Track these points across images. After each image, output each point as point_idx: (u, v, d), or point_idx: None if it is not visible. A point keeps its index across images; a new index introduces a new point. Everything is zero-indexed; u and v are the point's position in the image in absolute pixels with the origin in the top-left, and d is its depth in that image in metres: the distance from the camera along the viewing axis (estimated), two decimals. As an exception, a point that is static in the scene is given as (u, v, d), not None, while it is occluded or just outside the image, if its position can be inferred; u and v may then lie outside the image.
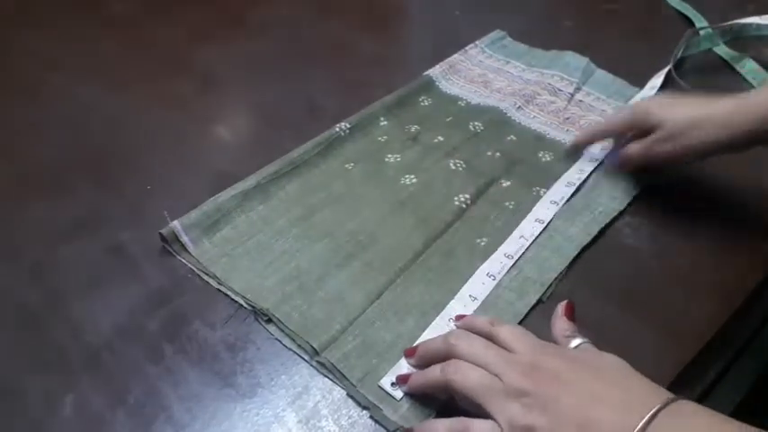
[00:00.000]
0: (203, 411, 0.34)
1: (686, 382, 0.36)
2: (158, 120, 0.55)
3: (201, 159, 0.51)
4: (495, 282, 0.41)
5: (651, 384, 0.29)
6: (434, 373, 0.33)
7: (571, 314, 0.36)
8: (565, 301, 0.36)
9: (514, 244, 0.44)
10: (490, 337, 0.33)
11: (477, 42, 0.67)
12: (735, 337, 0.40)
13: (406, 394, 0.34)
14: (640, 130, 0.46)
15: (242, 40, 0.67)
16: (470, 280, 0.41)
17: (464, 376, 0.31)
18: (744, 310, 0.41)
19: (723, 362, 0.39)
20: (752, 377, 0.41)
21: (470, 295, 0.40)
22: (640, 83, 0.60)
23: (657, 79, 0.60)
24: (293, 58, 0.64)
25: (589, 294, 0.41)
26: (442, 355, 0.33)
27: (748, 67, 0.63)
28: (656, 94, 0.58)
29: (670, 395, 0.28)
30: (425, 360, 0.35)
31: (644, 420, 0.26)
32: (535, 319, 0.39)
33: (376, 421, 0.34)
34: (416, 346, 0.36)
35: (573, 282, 0.42)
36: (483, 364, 0.31)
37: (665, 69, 0.61)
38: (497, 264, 0.42)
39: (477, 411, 0.31)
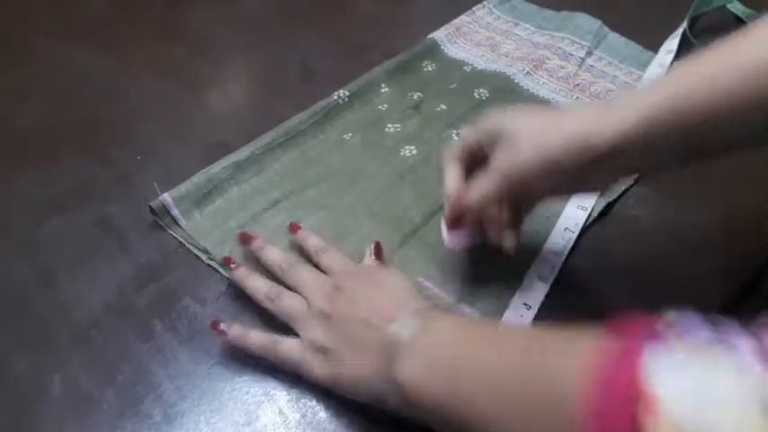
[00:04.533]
0: (193, 390, 0.34)
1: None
2: (148, 87, 0.53)
3: (192, 128, 0.49)
4: (548, 285, 0.38)
5: (425, 301, 0.33)
6: (260, 289, 0.36)
7: (378, 254, 0.38)
8: (374, 243, 0.38)
9: (559, 238, 0.41)
10: (317, 263, 0.37)
11: (485, 2, 0.63)
12: (741, 313, 0.39)
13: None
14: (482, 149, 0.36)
15: (234, 0, 0.64)
16: (521, 287, 0.38)
17: (282, 305, 0.35)
18: (752, 285, 0.39)
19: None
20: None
21: (525, 303, 0.37)
22: (655, 46, 0.57)
23: (672, 42, 0.57)
24: (287, 20, 0.61)
25: (592, 268, 0.39)
26: (271, 270, 0.37)
27: None
28: (672, 59, 0.55)
29: (429, 304, 0.32)
30: (257, 258, 0.38)
31: (403, 326, 0.29)
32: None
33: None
34: (254, 239, 0.39)
35: (577, 256, 0.40)
36: (301, 291, 0.35)
37: (679, 30, 0.57)
38: (548, 265, 0.39)
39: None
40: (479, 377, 0.26)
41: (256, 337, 0.34)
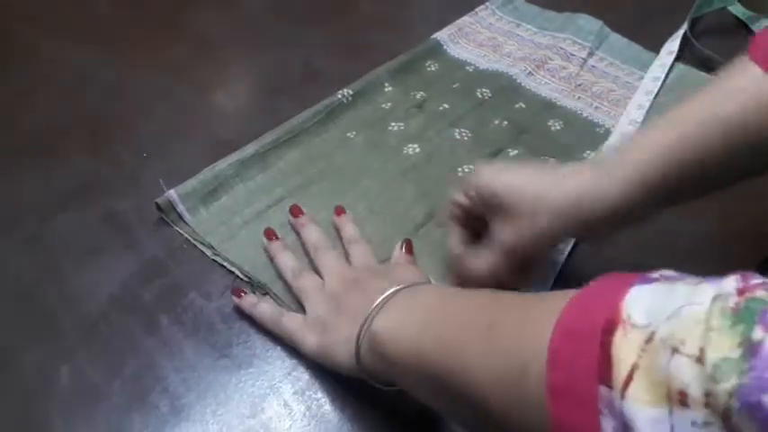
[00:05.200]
0: (199, 382, 0.34)
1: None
2: (153, 86, 0.53)
3: (197, 127, 0.50)
4: (548, 287, 0.38)
5: (413, 269, 0.35)
6: (287, 264, 0.38)
7: (409, 250, 0.39)
8: (404, 240, 0.39)
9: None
10: (346, 251, 0.39)
11: (487, 4, 0.64)
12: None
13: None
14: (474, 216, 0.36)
15: (238, 1, 0.64)
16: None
17: (301, 280, 0.36)
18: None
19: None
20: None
21: None
22: (656, 47, 0.57)
23: (674, 43, 0.57)
24: (290, 19, 0.62)
25: (590, 273, 0.39)
26: (306, 248, 0.39)
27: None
28: (673, 60, 0.55)
29: (419, 281, 0.32)
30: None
31: (380, 299, 0.30)
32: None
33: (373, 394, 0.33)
34: (303, 217, 0.41)
35: (574, 261, 0.40)
36: (322, 272, 0.37)
37: (680, 32, 0.58)
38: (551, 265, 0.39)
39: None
40: (451, 331, 0.26)
41: (265, 307, 0.36)
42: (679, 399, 0.17)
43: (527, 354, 0.22)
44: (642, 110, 0.50)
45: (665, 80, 0.54)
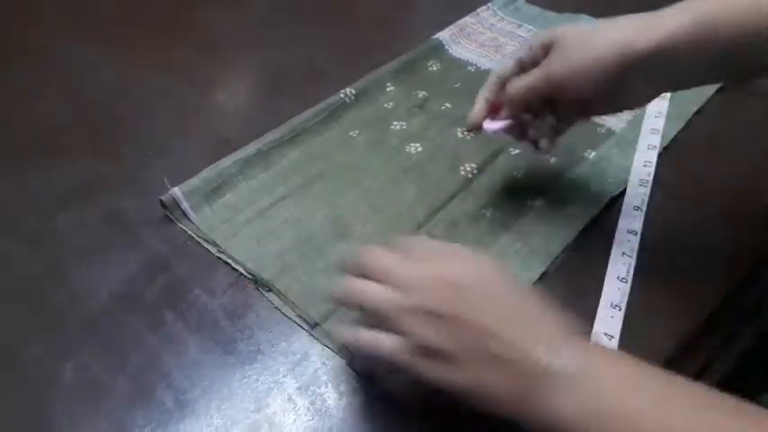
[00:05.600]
0: (203, 378, 0.34)
1: (691, 347, 0.36)
2: (158, 86, 0.53)
3: (201, 126, 0.50)
4: (628, 284, 0.38)
5: (551, 312, 0.28)
6: (348, 287, 0.31)
7: None
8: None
9: (620, 264, 0.39)
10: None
11: (489, 5, 0.64)
12: (740, 304, 0.39)
13: None
14: (534, 56, 0.38)
15: (241, 1, 0.65)
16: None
17: (370, 298, 0.30)
18: (751, 278, 0.40)
19: (726, 330, 0.38)
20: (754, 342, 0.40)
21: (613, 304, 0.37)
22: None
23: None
24: (293, 19, 0.62)
25: (594, 261, 0.40)
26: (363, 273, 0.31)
27: None
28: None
29: (570, 324, 0.28)
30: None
31: (550, 355, 0.26)
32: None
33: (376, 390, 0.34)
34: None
35: (579, 254, 0.41)
36: (390, 281, 0.29)
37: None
38: (615, 290, 0.38)
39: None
40: None
41: (366, 335, 0.30)
42: None
43: None
44: (661, 117, 0.50)
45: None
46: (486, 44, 0.59)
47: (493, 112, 0.40)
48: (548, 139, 0.39)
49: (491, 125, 0.40)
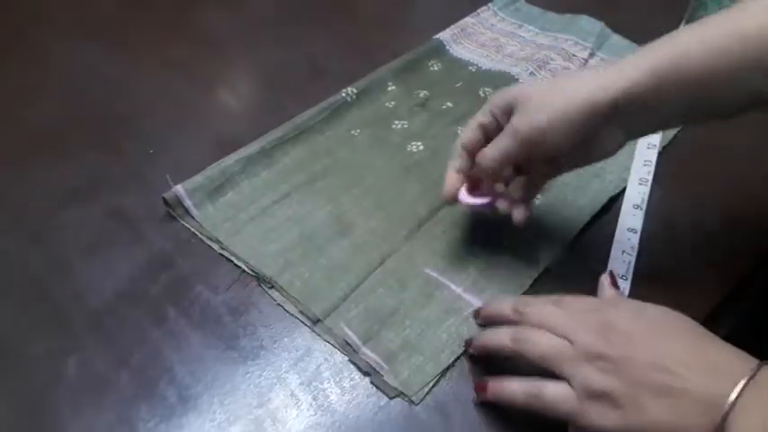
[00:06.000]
0: (206, 373, 0.34)
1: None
2: (160, 84, 0.54)
3: (203, 124, 0.50)
4: (628, 282, 0.39)
5: (730, 348, 0.27)
6: (503, 339, 0.32)
7: (615, 283, 0.35)
8: (608, 272, 0.36)
9: (620, 262, 0.40)
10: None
11: (489, 5, 0.65)
12: (740, 302, 0.40)
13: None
14: (497, 121, 0.36)
15: (243, 1, 0.65)
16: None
17: (534, 344, 0.30)
18: (751, 278, 0.40)
19: (726, 328, 0.38)
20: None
21: None
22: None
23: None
24: (294, 19, 0.62)
25: (595, 259, 0.40)
26: (508, 320, 0.33)
27: None
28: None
29: (755, 361, 0.26)
30: (490, 321, 0.35)
31: (736, 392, 0.25)
32: (539, 291, 0.39)
33: (377, 387, 0.34)
34: (482, 308, 0.36)
35: (578, 253, 0.41)
36: (552, 327, 0.30)
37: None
38: (623, 264, 0.39)
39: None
40: None
41: (517, 386, 0.30)
42: None
43: None
44: None
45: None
46: (486, 44, 0.60)
47: (471, 183, 0.38)
48: (523, 207, 0.37)
49: (468, 198, 0.38)
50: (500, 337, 0.32)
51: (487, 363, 0.34)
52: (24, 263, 0.40)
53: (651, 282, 0.39)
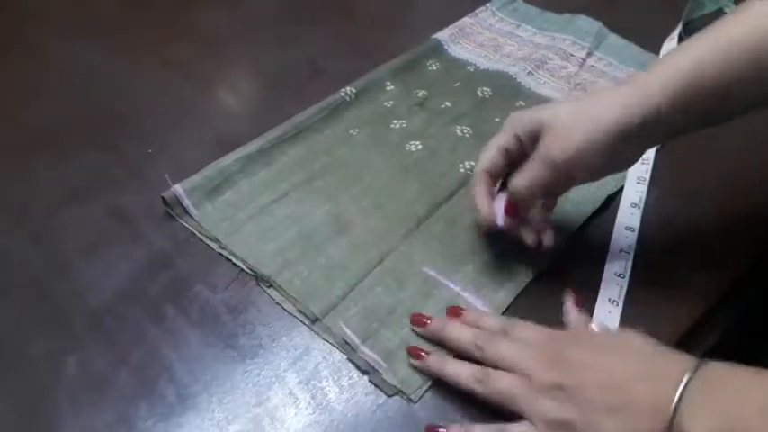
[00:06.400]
0: (205, 372, 0.34)
1: (688, 344, 0.36)
2: (159, 84, 0.54)
3: (202, 124, 0.50)
4: (626, 280, 0.39)
5: (674, 353, 0.29)
6: (460, 374, 0.32)
7: (578, 302, 0.36)
8: (570, 293, 0.36)
9: (618, 260, 0.40)
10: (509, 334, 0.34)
11: (488, 5, 0.65)
12: (737, 301, 0.40)
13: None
14: (522, 145, 0.37)
15: (243, 1, 0.65)
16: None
17: (493, 385, 0.31)
18: (747, 277, 0.40)
19: (723, 326, 0.39)
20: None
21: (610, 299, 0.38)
22: (653, 48, 0.58)
23: (671, 43, 0.58)
24: (293, 19, 0.63)
25: (592, 257, 0.40)
26: (463, 351, 0.33)
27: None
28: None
29: (695, 360, 0.28)
30: (437, 340, 0.35)
31: (678, 394, 0.26)
32: (537, 290, 0.39)
33: (375, 385, 0.34)
34: (428, 321, 0.36)
35: (575, 251, 0.41)
36: (511, 365, 0.31)
37: (675, 33, 0.59)
38: (613, 286, 0.39)
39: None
40: None
41: (480, 430, 0.31)
42: None
43: None
44: None
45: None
46: (485, 44, 0.60)
47: (509, 212, 0.38)
48: (549, 231, 0.39)
49: (504, 222, 0.37)
50: (458, 369, 0.33)
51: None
52: (24, 262, 0.40)
53: (648, 281, 0.39)
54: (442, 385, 0.34)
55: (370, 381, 0.34)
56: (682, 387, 0.26)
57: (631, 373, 0.29)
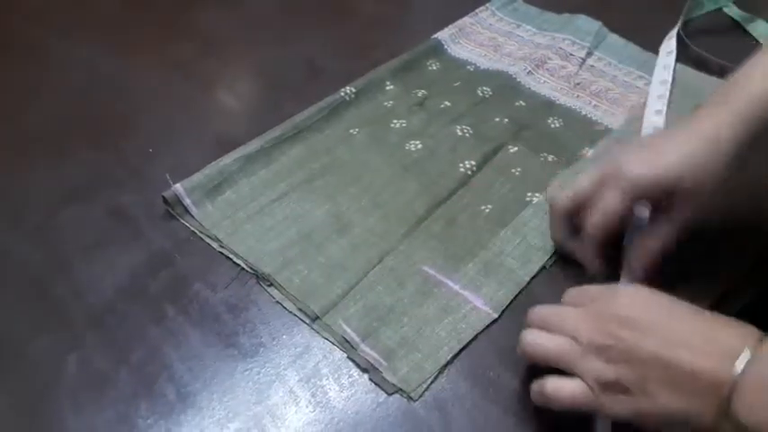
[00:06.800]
0: (205, 370, 0.34)
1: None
2: (159, 84, 0.54)
3: (202, 123, 0.50)
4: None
5: (732, 323, 0.28)
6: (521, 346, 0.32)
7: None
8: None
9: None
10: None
11: (487, 5, 0.65)
12: (738, 302, 0.40)
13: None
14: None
15: (242, 1, 0.65)
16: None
17: (541, 346, 0.31)
18: (751, 276, 0.40)
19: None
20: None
21: None
22: (652, 47, 0.58)
23: (670, 42, 0.58)
24: (293, 19, 0.63)
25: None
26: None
27: (760, 29, 0.60)
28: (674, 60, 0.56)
29: (756, 334, 0.27)
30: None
31: (739, 368, 0.25)
32: (539, 288, 0.39)
33: (375, 383, 0.34)
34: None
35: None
36: (557, 327, 0.31)
37: (674, 32, 0.59)
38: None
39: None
40: None
41: (536, 386, 0.31)
42: None
43: None
44: (661, 116, 0.51)
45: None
46: (484, 44, 0.60)
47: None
48: (599, 261, 0.38)
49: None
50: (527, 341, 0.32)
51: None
52: (24, 262, 0.40)
53: (647, 281, 0.39)
54: (441, 384, 0.34)
55: (371, 379, 0.34)
56: (744, 359, 0.25)
57: (689, 341, 0.27)
